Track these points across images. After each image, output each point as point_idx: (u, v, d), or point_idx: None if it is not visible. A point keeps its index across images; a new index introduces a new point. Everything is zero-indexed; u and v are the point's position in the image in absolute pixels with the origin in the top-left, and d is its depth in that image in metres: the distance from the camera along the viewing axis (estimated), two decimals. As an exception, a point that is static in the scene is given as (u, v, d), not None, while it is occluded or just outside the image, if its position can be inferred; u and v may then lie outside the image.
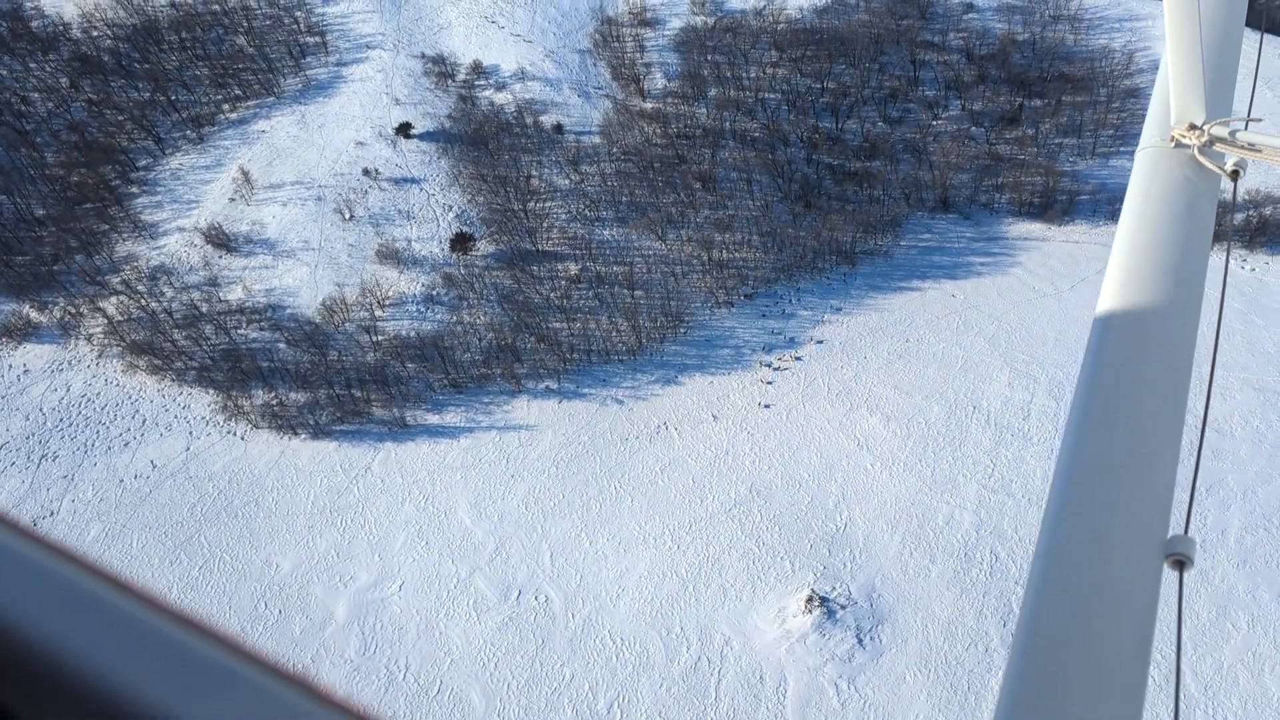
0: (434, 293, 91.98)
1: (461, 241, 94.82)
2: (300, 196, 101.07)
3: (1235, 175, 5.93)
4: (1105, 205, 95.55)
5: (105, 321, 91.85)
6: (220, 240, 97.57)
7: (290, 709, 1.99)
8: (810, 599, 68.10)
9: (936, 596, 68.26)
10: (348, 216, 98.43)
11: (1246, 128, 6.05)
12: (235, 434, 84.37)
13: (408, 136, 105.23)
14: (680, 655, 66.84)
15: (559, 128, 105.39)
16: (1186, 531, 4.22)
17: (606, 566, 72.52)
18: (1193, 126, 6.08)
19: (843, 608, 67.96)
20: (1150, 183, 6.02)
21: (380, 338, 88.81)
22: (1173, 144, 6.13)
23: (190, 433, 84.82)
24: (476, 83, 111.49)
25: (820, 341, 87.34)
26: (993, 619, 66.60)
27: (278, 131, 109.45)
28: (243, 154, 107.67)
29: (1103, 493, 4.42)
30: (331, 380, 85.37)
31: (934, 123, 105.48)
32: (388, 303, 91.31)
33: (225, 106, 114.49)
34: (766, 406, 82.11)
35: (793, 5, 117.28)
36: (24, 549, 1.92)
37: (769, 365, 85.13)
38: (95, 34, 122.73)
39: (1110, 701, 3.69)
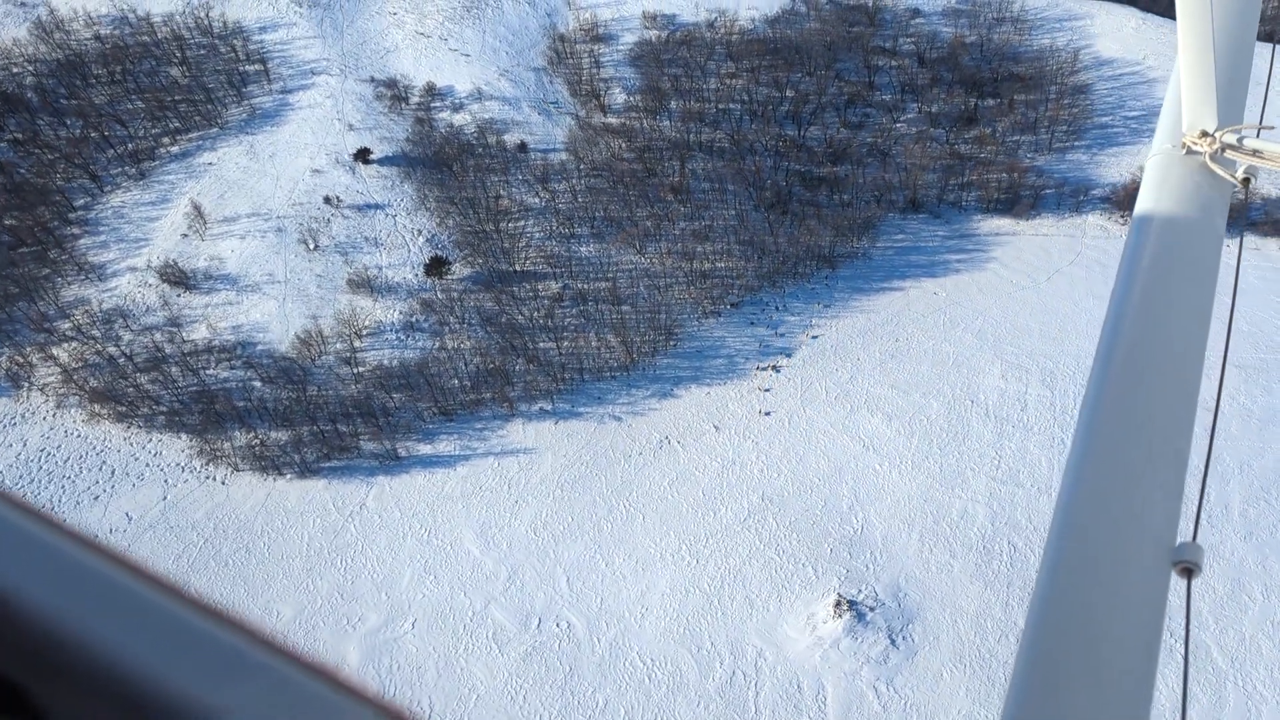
0: (413, 319, 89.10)
1: (437, 266, 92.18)
2: (259, 228, 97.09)
3: (1246, 183, 5.91)
4: (1069, 198, 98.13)
5: (59, 370, 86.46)
6: (177, 278, 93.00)
7: (312, 697, 1.97)
8: (838, 603, 67.46)
9: (962, 591, 68.34)
10: (312, 246, 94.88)
11: (1258, 135, 6.05)
12: (215, 479, 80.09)
13: (367, 162, 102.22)
14: (714, 671, 65.40)
15: (523, 146, 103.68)
16: (1195, 538, 4.11)
17: (626, 587, 70.71)
18: (1204, 133, 6.11)
19: (871, 609, 67.49)
20: (1161, 189, 6.02)
21: (361, 369, 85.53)
22: (1184, 150, 6.15)
23: (166, 481, 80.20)
24: (432, 104, 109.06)
25: (816, 337, 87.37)
26: (1019, 609, 66.81)
27: (226, 163, 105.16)
28: (190, 188, 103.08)
29: (1110, 500, 4.38)
30: (314, 416, 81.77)
31: (895, 126, 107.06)
32: (366, 332, 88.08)
33: (165, 140, 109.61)
34: (767, 413, 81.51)
35: (744, 16, 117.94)
36: (49, 537, 1.90)
37: (766, 369, 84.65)
38: (16, 70, 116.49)
39: (1116, 709, 3.66)
